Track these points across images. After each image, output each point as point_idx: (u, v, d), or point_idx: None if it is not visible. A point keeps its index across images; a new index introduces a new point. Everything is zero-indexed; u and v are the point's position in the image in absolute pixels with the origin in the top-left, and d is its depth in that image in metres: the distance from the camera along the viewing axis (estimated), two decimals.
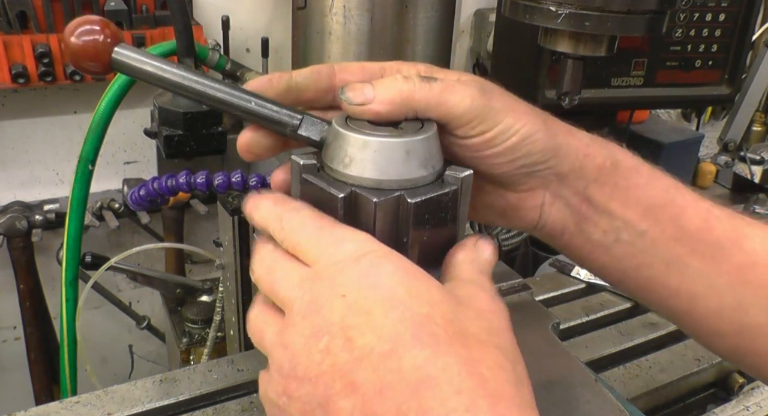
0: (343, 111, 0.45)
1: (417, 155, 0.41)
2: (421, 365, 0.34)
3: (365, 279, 0.37)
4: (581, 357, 0.93)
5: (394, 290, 0.36)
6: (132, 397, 0.77)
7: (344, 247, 0.38)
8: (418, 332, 0.35)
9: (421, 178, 0.42)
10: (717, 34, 1.26)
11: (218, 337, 1.12)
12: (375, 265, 0.37)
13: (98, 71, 0.42)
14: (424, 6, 0.86)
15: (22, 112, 1.41)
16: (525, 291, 0.84)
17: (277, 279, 0.40)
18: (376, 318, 0.35)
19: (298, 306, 0.38)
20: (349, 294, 0.36)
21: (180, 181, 0.90)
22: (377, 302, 0.36)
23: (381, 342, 0.35)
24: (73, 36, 0.40)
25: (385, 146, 0.41)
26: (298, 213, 0.41)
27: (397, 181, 0.41)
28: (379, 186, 0.41)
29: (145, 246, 1.14)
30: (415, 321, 0.35)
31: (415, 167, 0.41)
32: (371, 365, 0.34)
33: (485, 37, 1.67)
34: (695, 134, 1.64)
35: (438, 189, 0.42)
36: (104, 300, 1.53)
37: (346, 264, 0.38)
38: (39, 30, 1.26)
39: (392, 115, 0.44)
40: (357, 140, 0.41)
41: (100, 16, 0.43)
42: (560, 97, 0.85)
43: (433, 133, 0.43)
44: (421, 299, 0.36)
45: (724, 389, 0.99)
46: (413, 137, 0.42)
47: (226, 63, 1.06)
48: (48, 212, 1.41)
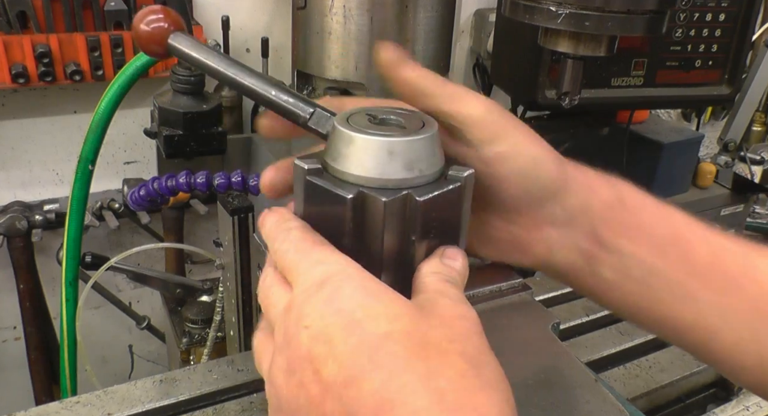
0: (380, 60, 0.47)
1: (414, 154, 0.41)
2: (377, 389, 0.34)
3: (327, 306, 0.37)
4: (581, 357, 0.93)
5: (353, 314, 0.36)
6: (132, 397, 0.78)
7: (314, 272, 0.38)
8: (375, 355, 0.35)
9: (422, 177, 0.42)
10: (717, 34, 1.25)
11: (218, 337, 1.12)
12: (336, 289, 0.37)
13: (161, 55, 0.49)
14: (424, 6, 0.86)
15: (22, 112, 1.41)
16: (525, 291, 0.84)
17: (269, 305, 0.41)
18: (336, 346, 0.35)
19: (278, 341, 0.39)
20: (313, 324, 0.36)
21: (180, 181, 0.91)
22: (338, 329, 0.36)
23: (342, 370, 0.35)
24: (142, 23, 0.47)
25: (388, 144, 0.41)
26: (288, 235, 0.41)
27: (400, 179, 0.41)
28: (385, 185, 0.41)
29: (145, 247, 1.14)
30: (372, 344, 0.35)
31: (416, 165, 0.41)
32: (336, 395, 0.34)
33: (485, 37, 1.67)
34: (695, 134, 1.64)
35: (443, 186, 0.42)
36: (104, 300, 1.53)
37: (312, 291, 0.38)
38: (39, 30, 1.26)
39: (412, 92, 0.46)
40: (350, 136, 0.41)
41: (163, 5, 0.50)
42: (560, 97, 0.85)
43: (432, 134, 0.43)
44: (379, 319, 0.36)
45: (724, 389, 0.99)
46: (416, 136, 0.42)
47: None
48: (48, 212, 1.41)
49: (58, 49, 1.27)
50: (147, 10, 0.48)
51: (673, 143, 1.52)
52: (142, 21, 0.47)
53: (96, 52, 1.30)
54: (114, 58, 1.31)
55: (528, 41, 1.15)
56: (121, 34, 1.30)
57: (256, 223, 0.93)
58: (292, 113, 0.47)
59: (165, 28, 0.47)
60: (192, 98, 1.01)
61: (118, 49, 1.31)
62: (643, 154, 1.53)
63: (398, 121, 0.44)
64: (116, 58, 1.31)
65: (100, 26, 1.31)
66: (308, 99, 0.47)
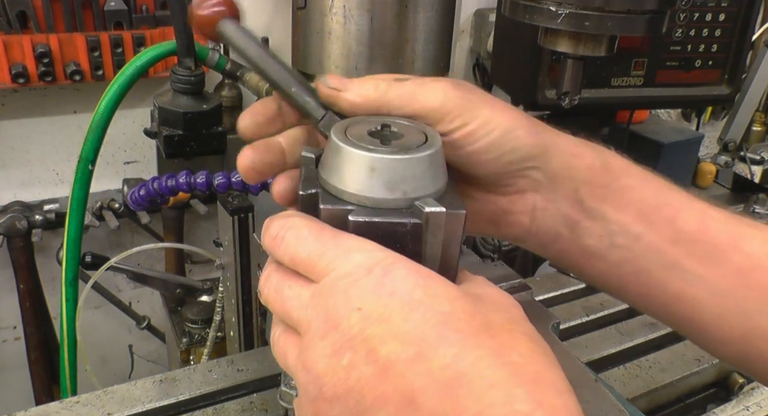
0: (320, 96, 0.46)
1: (388, 174, 0.39)
2: (449, 363, 0.33)
3: (380, 288, 0.35)
4: (581, 357, 0.93)
5: (411, 293, 0.35)
6: (132, 397, 0.78)
7: (353, 258, 0.37)
8: (442, 330, 0.34)
9: (387, 200, 0.39)
10: (717, 34, 1.25)
11: (218, 337, 1.12)
12: (388, 272, 0.36)
13: (215, 38, 0.52)
14: (424, 6, 0.86)
15: (22, 112, 1.40)
16: (525, 291, 0.84)
17: (286, 299, 0.39)
18: (396, 324, 0.34)
19: (315, 326, 0.37)
20: (366, 305, 0.35)
21: (180, 181, 0.91)
22: (396, 308, 0.35)
23: (405, 348, 0.34)
24: (200, 9, 0.51)
25: (353, 157, 0.39)
26: (299, 231, 0.40)
27: (355, 195, 0.39)
28: (339, 195, 0.40)
29: (145, 247, 1.13)
30: (437, 320, 0.34)
31: (380, 186, 0.39)
32: (399, 373, 0.33)
33: (485, 37, 1.67)
34: (695, 134, 1.64)
35: (393, 216, 0.38)
36: (104, 300, 1.53)
37: (358, 275, 0.36)
38: (39, 30, 1.26)
39: (365, 108, 0.45)
40: (336, 146, 0.40)
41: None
42: (560, 97, 0.85)
43: (425, 154, 0.40)
44: (440, 298, 0.35)
45: (724, 389, 0.99)
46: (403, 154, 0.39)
47: (226, 63, 1.06)
48: (48, 212, 1.41)
49: (58, 49, 1.27)
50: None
51: (673, 143, 1.52)
52: (199, 6, 0.51)
53: (96, 52, 1.30)
54: (114, 58, 1.31)
55: (528, 41, 1.15)
56: (121, 34, 1.30)
57: (256, 223, 0.93)
58: (307, 112, 0.47)
59: (219, 12, 0.51)
60: (192, 98, 1.01)
61: (118, 49, 1.31)
62: (643, 154, 1.53)
63: (400, 135, 0.42)
64: (116, 58, 1.31)
65: (100, 26, 1.30)
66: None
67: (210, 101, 1.04)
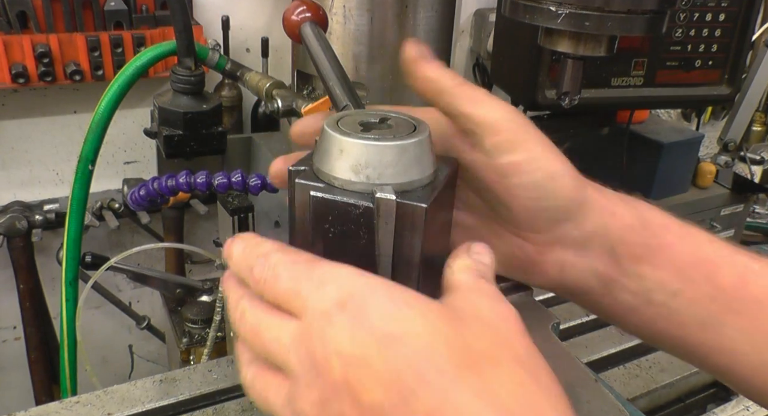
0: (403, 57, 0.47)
1: (353, 157, 0.40)
2: (433, 409, 0.31)
3: (356, 327, 0.34)
4: (581, 357, 0.93)
5: (387, 329, 0.34)
6: (132, 397, 0.77)
7: (326, 292, 0.36)
8: (422, 370, 0.32)
9: (352, 182, 0.40)
10: (717, 34, 1.25)
11: (218, 337, 1.12)
12: (361, 306, 0.34)
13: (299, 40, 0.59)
14: (424, 6, 0.86)
15: (22, 112, 1.41)
16: (525, 291, 0.83)
17: (267, 340, 0.38)
18: (376, 368, 0.33)
19: (299, 373, 0.36)
20: (344, 349, 0.34)
21: (180, 181, 0.91)
22: (373, 348, 0.33)
23: (388, 394, 0.32)
24: (293, 15, 0.57)
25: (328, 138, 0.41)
26: (268, 260, 0.38)
27: (327, 174, 0.41)
28: (318, 174, 0.41)
29: (145, 246, 1.13)
30: (417, 359, 0.33)
31: (346, 168, 0.40)
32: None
33: (485, 37, 1.67)
34: (695, 134, 1.64)
35: (350, 197, 0.39)
36: (104, 300, 1.53)
37: (332, 313, 0.35)
38: (39, 30, 1.26)
39: (433, 91, 0.46)
40: (322, 129, 0.42)
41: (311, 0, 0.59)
42: (560, 97, 0.85)
43: (387, 145, 0.40)
44: (417, 330, 0.34)
45: (724, 389, 0.99)
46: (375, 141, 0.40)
47: (226, 63, 1.06)
48: (48, 212, 1.41)
49: (58, 49, 1.27)
50: (297, 2, 0.59)
51: (673, 143, 1.52)
52: (292, 13, 0.58)
53: (96, 52, 1.30)
54: (114, 58, 1.31)
55: (528, 41, 1.16)
56: (120, 34, 1.30)
57: (256, 223, 0.93)
58: (334, 102, 0.53)
59: (309, 17, 0.58)
60: (192, 98, 1.01)
61: (118, 49, 1.31)
62: (643, 154, 1.52)
63: (389, 127, 0.43)
64: (116, 58, 1.31)
65: (100, 26, 1.31)
66: (355, 95, 0.53)
67: (210, 101, 1.04)
